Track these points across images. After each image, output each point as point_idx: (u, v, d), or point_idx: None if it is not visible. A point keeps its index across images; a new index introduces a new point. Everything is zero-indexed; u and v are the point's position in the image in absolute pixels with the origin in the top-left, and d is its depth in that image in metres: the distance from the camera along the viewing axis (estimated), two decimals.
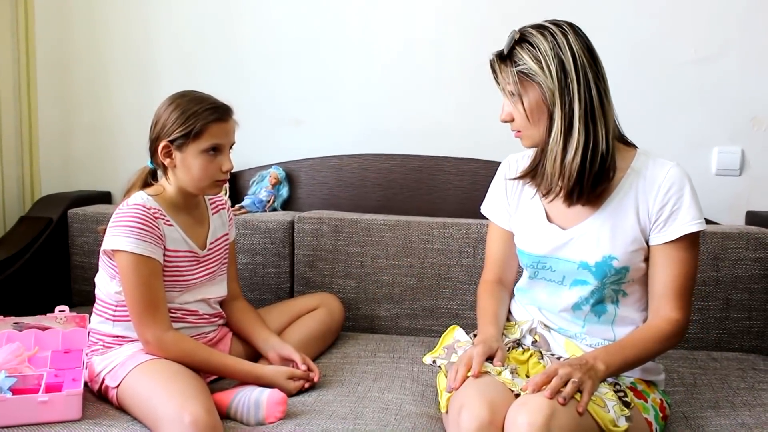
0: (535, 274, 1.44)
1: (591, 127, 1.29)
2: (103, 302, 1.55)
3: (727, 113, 2.06)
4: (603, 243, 1.34)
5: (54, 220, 2.07)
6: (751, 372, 1.71)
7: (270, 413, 1.39)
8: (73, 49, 2.32)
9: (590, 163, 1.29)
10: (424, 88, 2.18)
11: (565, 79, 1.28)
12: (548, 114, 1.30)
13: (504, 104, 1.37)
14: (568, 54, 1.28)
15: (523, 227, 1.46)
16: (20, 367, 1.48)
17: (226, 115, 1.53)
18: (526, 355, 1.38)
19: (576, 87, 1.27)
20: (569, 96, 1.28)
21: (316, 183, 2.20)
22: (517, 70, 1.30)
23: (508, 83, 1.32)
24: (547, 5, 2.05)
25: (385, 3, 2.17)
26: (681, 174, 1.33)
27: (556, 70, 1.27)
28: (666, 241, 1.32)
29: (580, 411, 1.16)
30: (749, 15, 2.02)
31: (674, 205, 1.32)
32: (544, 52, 1.28)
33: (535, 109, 1.31)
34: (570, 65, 1.28)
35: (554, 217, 1.42)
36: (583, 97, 1.28)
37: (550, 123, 1.30)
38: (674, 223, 1.32)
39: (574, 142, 1.28)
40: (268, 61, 2.24)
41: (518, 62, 1.30)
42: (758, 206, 2.07)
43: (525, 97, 1.31)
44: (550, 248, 1.39)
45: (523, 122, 1.34)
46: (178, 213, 1.56)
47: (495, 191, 1.55)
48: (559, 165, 1.30)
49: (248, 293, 1.94)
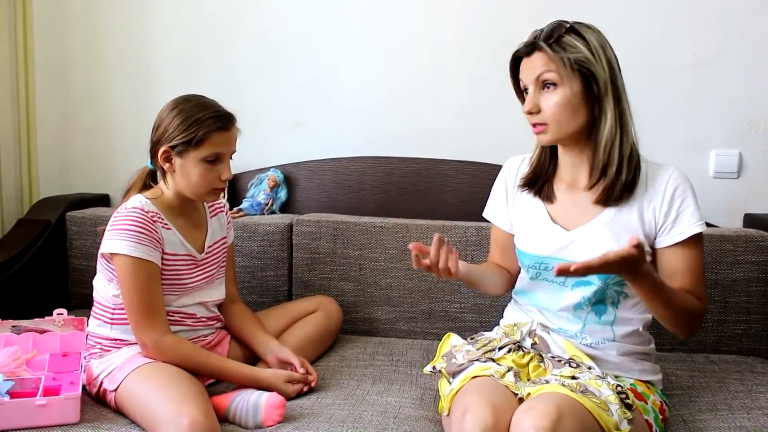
0: (537, 275, 1.44)
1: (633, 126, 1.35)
2: (101, 305, 1.55)
3: (725, 116, 2.07)
4: (607, 244, 1.34)
5: (52, 223, 2.07)
6: (749, 375, 1.71)
7: (268, 416, 1.39)
8: (72, 52, 2.32)
9: (638, 161, 1.35)
10: (422, 90, 2.18)
11: (614, 74, 1.31)
12: (589, 106, 1.32)
13: (530, 94, 1.34)
14: (611, 53, 1.33)
15: (525, 228, 1.47)
16: (18, 371, 1.48)
17: (229, 124, 1.52)
18: (526, 358, 1.38)
19: (620, 84, 1.33)
20: (619, 91, 1.32)
21: (315, 186, 2.20)
22: (572, 57, 1.29)
23: (548, 70, 1.30)
24: (546, 8, 2.05)
25: (384, 6, 2.17)
26: (683, 176, 1.37)
27: (608, 63, 1.31)
28: (675, 243, 1.34)
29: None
30: (747, 18, 2.02)
31: (680, 206, 1.35)
32: (595, 45, 1.31)
33: (577, 99, 1.31)
34: (614, 63, 1.33)
35: (557, 218, 1.42)
36: (624, 96, 1.33)
37: (599, 115, 1.32)
38: (681, 225, 1.34)
39: (630, 136, 1.33)
40: (267, 64, 2.24)
41: (570, 50, 1.30)
42: (756, 209, 2.08)
43: (569, 86, 1.30)
44: (553, 249, 1.40)
45: (558, 113, 1.32)
46: (176, 216, 1.56)
47: (496, 194, 1.56)
48: (617, 156, 1.32)
49: (246, 296, 1.94)
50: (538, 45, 1.32)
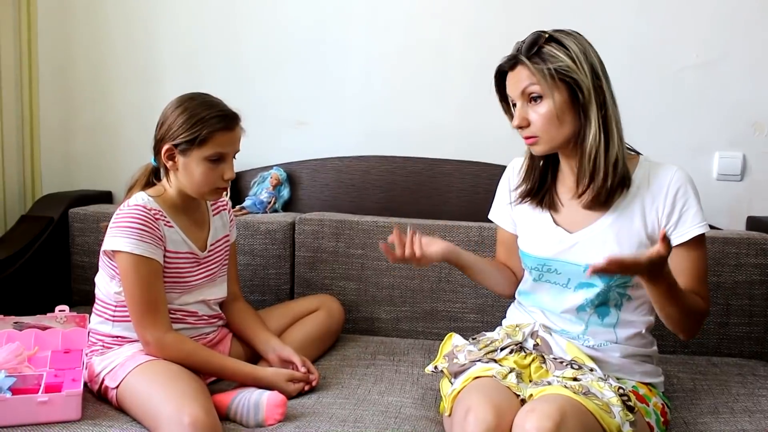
0: (539, 276, 1.44)
1: (621, 131, 1.33)
2: (103, 302, 1.55)
3: (729, 118, 2.06)
4: (609, 246, 1.34)
5: (55, 220, 2.07)
6: (751, 378, 1.70)
7: (269, 415, 1.39)
8: (75, 49, 2.32)
9: (623, 166, 1.33)
10: (425, 90, 2.18)
11: (597, 80, 1.30)
12: (577, 115, 1.31)
13: (518, 109, 1.34)
14: (594, 57, 1.31)
15: (529, 230, 1.47)
16: (20, 367, 1.48)
17: (234, 124, 1.51)
18: (528, 359, 1.38)
19: (605, 89, 1.31)
20: (602, 96, 1.30)
21: (318, 184, 2.19)
22: (553, 68, 1.28)
23: (532, 83, 1.30)
24: (549, 10, 2.06)
25: (387, 6, 2.17)
26: (686, 176, 1.36)
27: (590, 69, 1.29)
28: (678, 244, 1.34)
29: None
30: (751, 20, 2.02)
31: (683, 207, 1.34)
32: (576, 52, 1.29)
33: (563, 109, 1.30)
34: (597, 67, 1.31)
35: (560, 220, 1.42)
36: (610, 100, 1.31)
37: (585, 122, 1.31)
38: (684, 225, 1.34)
39: (614, 143, 1.31)
40: (270, 62, 2.24)
41: (551, 60, 1.29)
42: (759, 211, 2.07)
43: (552, 98, 1.29)
44: (556, 251, 1.40)
45: (546, 125, 1.31)
46: (178, 214, 1.55)
47: (500, 196, 1.56)
48: (602, 163, 1.31)
49: (248, 295, 1.94)
50: (519, 59, 1.32)
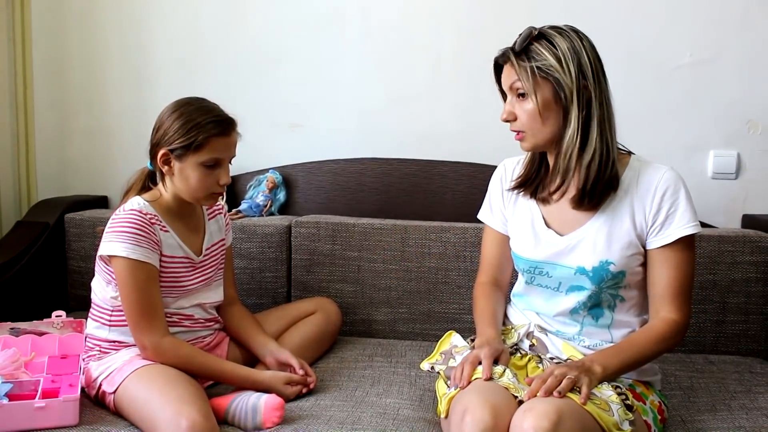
0: (531, 279, 1.44)
1: (607, 132, 1.31)
2: (99, 307, 1.55)
3: (723, 116, 2.07)
4: (599, 248, 1.34)
5: (50, 225, 2.07)
6: (748, 375, 1.71)
7: (267, 418, 1.39)
8: (70, 54, 2.32)
9: (604, 167, 1.31)
10: (420, 92, 2.18)
11: (584, 80, 1.29)
12: (561, 113, 1.31)
13: (507, 103, 1.36)
14: (585, 57, 1.30)
15: (520, 231, 1.46)
16: (17, 373, 1.48)
17: (229, 129, 1.51)
18: (524, 360, 1.38)
19: (593, 90, 1.30)
20: (586, 97, 1.30)
21: (313, 187, 2.20)
22: (534, 65, 1.29)
23: (518, 80, 1.31)
24: (543, 8, 2.07)
25: (382, 7, 2.17)
26: (676, 177, 1.34)
27: (575, 70, 1.28)
28: (663, 245, 1.33)
29: (582, 402, 1.16)
30: (745, 19, 2.03)
31: (670, 208, 1.33)
32: (563, 51, 1.29)
33: (546, 108, 1.30)
34: (587, 68, 1.30)
35: (552, 221, 1.42)
36: (598, 101, 1.30)
37: (564, 122, 1.30)
38: (670, 227, 1.33)
39: (592, 144, 1.30)
40: (265, 65, 2.24)
41: (536, 57, 1.29)
42: (754, 209, 2.08)
43: (537, 94, 1.30)
44: (547, 254, 1.40)
45: (530, 121, 1.32)
46: (174, 219, 1.55)
47: (491, 196, 1.56)
48: (575, 164, 1.31)
49: (245, 298, 1.94)
50: (507, 55, 1.33)
